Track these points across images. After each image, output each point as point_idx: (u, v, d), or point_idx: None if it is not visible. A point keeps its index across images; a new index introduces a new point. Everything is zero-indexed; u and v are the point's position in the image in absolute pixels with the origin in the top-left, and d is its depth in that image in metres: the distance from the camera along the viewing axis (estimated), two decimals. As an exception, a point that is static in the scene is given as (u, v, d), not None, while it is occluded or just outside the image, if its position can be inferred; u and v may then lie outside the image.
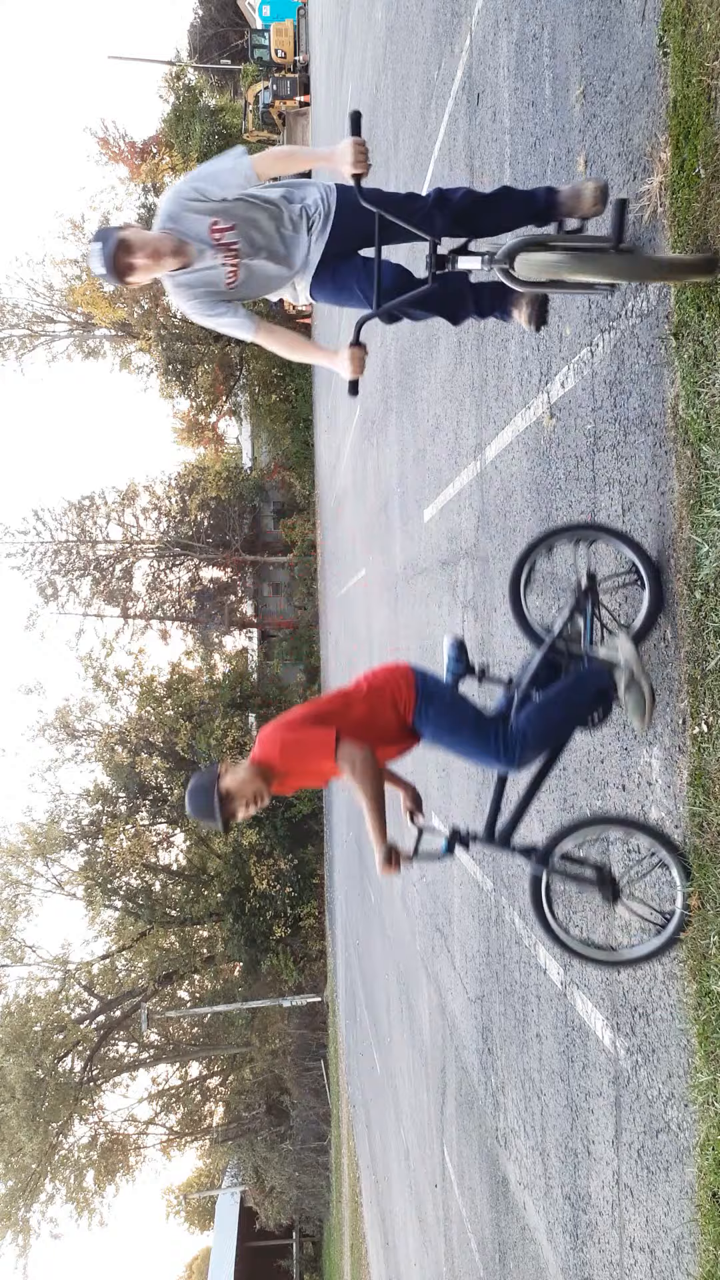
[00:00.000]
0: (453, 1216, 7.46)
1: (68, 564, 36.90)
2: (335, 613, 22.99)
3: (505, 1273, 5.53)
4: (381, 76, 10.38)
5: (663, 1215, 3.12)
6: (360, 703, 3.24)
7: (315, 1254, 37.61)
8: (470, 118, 5.66)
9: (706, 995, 2.75)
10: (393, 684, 3.25)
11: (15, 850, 30.70)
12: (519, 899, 5.06)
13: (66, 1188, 29.56)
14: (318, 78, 27.68)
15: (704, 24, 2.60)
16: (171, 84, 36.99)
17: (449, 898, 7.19)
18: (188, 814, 3.28)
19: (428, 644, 7.93)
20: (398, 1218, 12.19)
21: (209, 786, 3.11)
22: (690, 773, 2.83)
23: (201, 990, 33.18)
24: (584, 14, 3.60)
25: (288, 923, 29.73)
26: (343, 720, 3.18)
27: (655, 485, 3.05)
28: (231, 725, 29.34)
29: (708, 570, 2.68)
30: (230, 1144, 34.05)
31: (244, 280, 3.32)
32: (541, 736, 3.17)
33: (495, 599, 5.39)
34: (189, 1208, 38.44)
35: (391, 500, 10.42)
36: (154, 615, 37.40)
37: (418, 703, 3.22)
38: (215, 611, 37.13)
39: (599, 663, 3.08)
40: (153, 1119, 32.97)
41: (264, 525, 37.88)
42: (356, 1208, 19.95)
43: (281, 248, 3.34)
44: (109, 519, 37.38)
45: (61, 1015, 29.95)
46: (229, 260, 3.27)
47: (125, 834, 30.47)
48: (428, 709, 3.22)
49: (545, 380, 4.23)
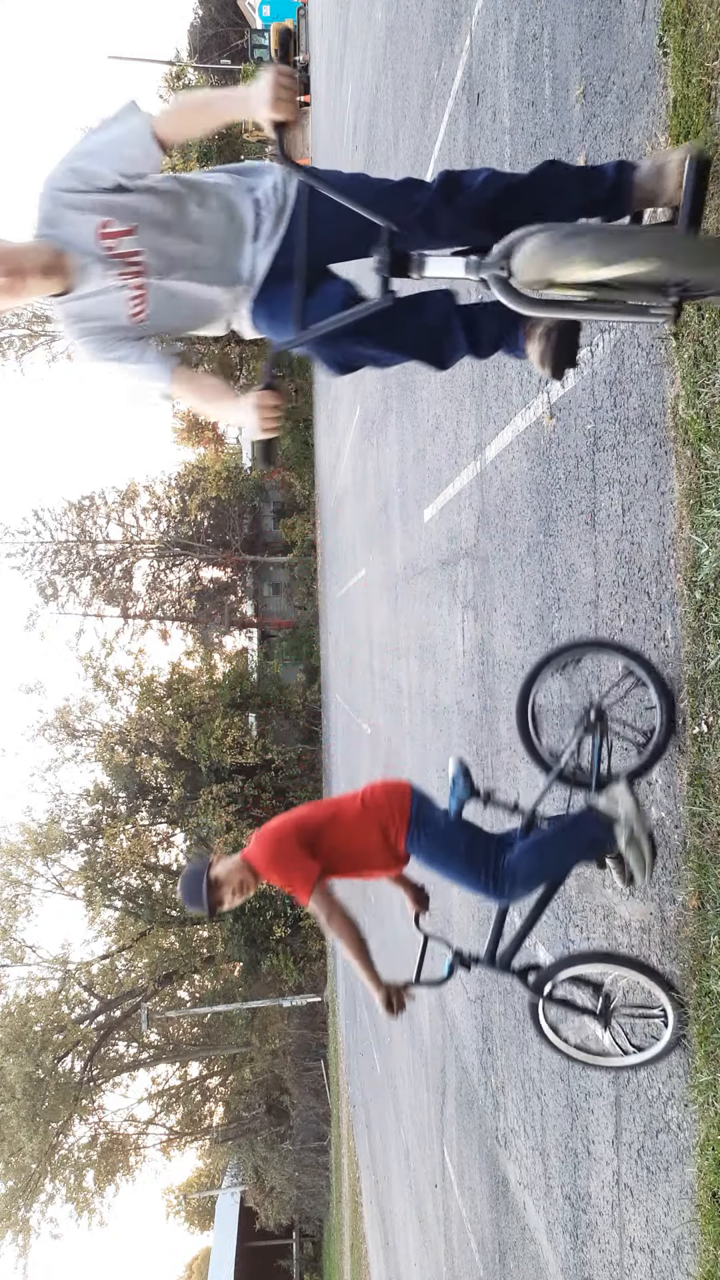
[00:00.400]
0: (453, 1216, 7.45)
1: (68, 564, 36.92)
2: (335, 613, 23.00)
3: (505, 1273, 5.53)
4: (381, 76, 10.38)
5: (663, 1215, 3.12)
6: (351, 821, 3.31)
7: (315, 1254, 37.61)
8: (470, 118, 5.66)
9: (706, 995, 2.75)
10: (387, 809, 3.31)
11: (15, 850, 30.71)
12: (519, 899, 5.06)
13: (66, 1188, 29.57)
14: (318, 78, 27.68)
15: (704, 24, 2.60)
16: (171, 84, 37.00)
17: (449, 898, 7.19)
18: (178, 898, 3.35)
19: (427, 644, 7.93)
20: (398, 1218, 12.19)
21: (199, 873, 3.23)
22: (690, 773, 2.83)
23: (201, 990, 33.18)
24: (584, 14, 3.60)
25: (288, 923, 29.71)
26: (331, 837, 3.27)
27: (655, 485, 3.05)
28: (231, 725, 29.32)
29: (708, 570, 2.68)
30: (230, 1144, 34.06)
31: (156, 310, 2.35)
32: (534, 876, 3.22)
33: (495, 599, 5.39)
34: (189, 1208, 38.46)
35: (391, 500, 10.42)
36: (154, 615, 37.42)
37: (410, 830, 3.29)
38: (215, 611, 37.14)
39: (598, 814, 3.07)
40: (153, 1119, 32.99)
41: (264, 525, 37.89)
42: (356, 1208, 19.95)
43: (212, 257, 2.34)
44: (109, 519, 37.40)
45: (61, 1015, 29.95)
46: (129, 280, 2.28)
47: (125, 834, 30.46)
48: (420, 837, 3.29)
49: (545, 380, 4.23)
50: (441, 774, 7.34)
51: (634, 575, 3.25)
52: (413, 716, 9.18)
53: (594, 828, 3.04)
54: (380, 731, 12.55)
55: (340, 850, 3.28)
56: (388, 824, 3.29)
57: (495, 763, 5.44)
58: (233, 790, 29.12)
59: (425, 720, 8.28)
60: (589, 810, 3.07)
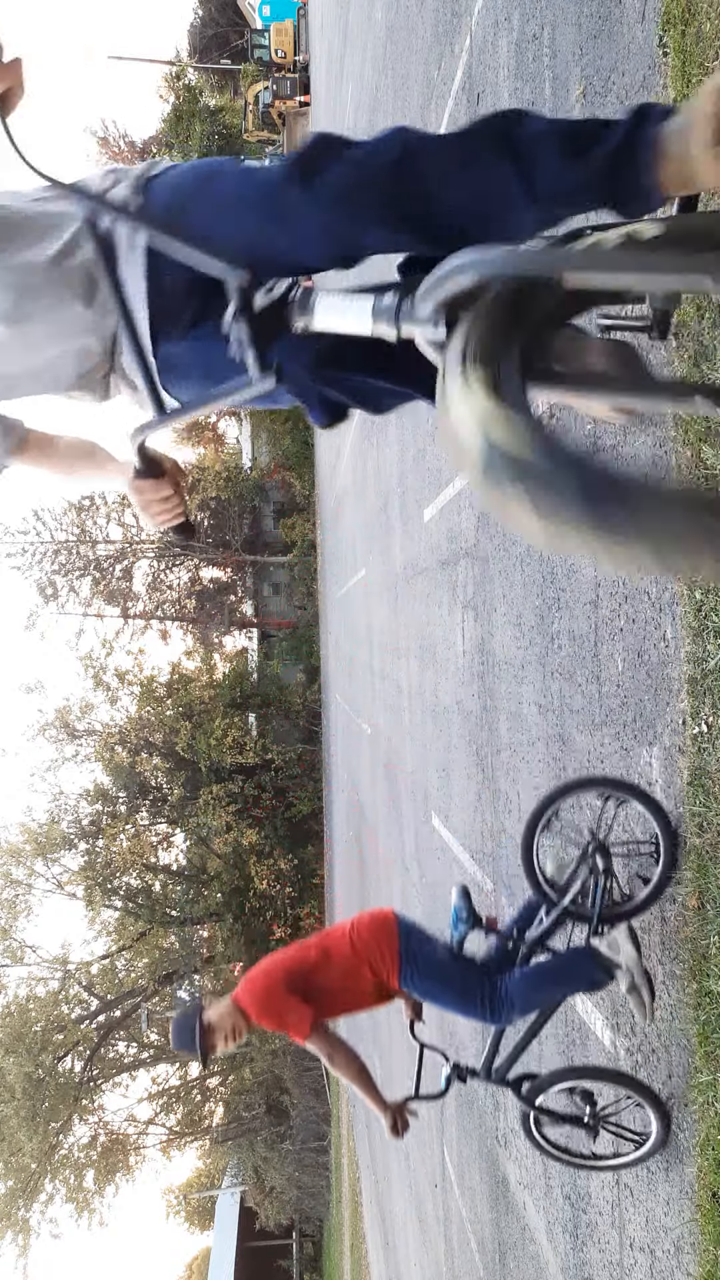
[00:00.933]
0: (453, 1216, 7.45)
1: (68, 564, 36.92)
2: (335, 612, 23.00)
3: (505, 1273, 5.53)
4: (381, 76, 10.38)
5: (663, 1215, 3.12)
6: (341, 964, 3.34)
7: (315, 1254, 37.59)
8: (470, 118, 5.66)
9: (706, 995, 2.75)
10: (376, 949, 3.35)
11: (15, 850, 30.70)
12: (519, 899, 5.06)
13: (66, 1188, 29.55)
14: (318, 78, 27.69)
15: (704, 24, 2.60)
16: (171, 84, 37.01)
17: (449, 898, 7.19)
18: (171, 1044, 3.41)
19: (427, 644, 7.93)
20: (398, 1218, 12.18)
21: (192, 1018, 3.25)
22: (690, 773, 2.83)
23: (202, 990, 33.17)
24: (584, 14, 3.60)
25: (288, 923, 29.71)
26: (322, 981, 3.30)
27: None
28: (231, 725, 29.33)
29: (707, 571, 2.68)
30: (230, 1144, 34.04)
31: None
32: (529, 1006, 3.29)
33: (495, 599, 5.39)
34: (189, 1208, 38.44)
35: (391, 500, 10.42)
36: (154, 615, 37.42)
37: (401, 966, 3.33)
38: (215, 611, 37.14)
39: (599, 957, 3.13)
40: (153, 1119, 32.97)
41: (264, 525, 37.89)
42: (356, 1208, 19.95)
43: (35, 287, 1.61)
44: (109, 519, 37.39)
45: (61, 1015, 29.94)
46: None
47: (125, 834, 30.46)
48: (412, 974, 3.34)
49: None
50: (442, 774, 7.35)
51: (634, 575, 3.25)
52: (413, 716, 9.18)
53: (592, 969, 3.13)
54: (380, 731, 12.55)
55: (332, 993, 3.33)
56: (378, 964, 3.34)
57: (495, 763, 5.44)
58: (233, 790, 29.13)
59: (425, 720, 8.28)
60: (590, 951, 3.15)
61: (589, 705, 3.72)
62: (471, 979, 3.30)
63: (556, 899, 3.29)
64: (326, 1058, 3.28)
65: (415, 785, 9.01)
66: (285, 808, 29.85)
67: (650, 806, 2.99)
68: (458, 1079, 3.38)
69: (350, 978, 3.32)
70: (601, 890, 3.18)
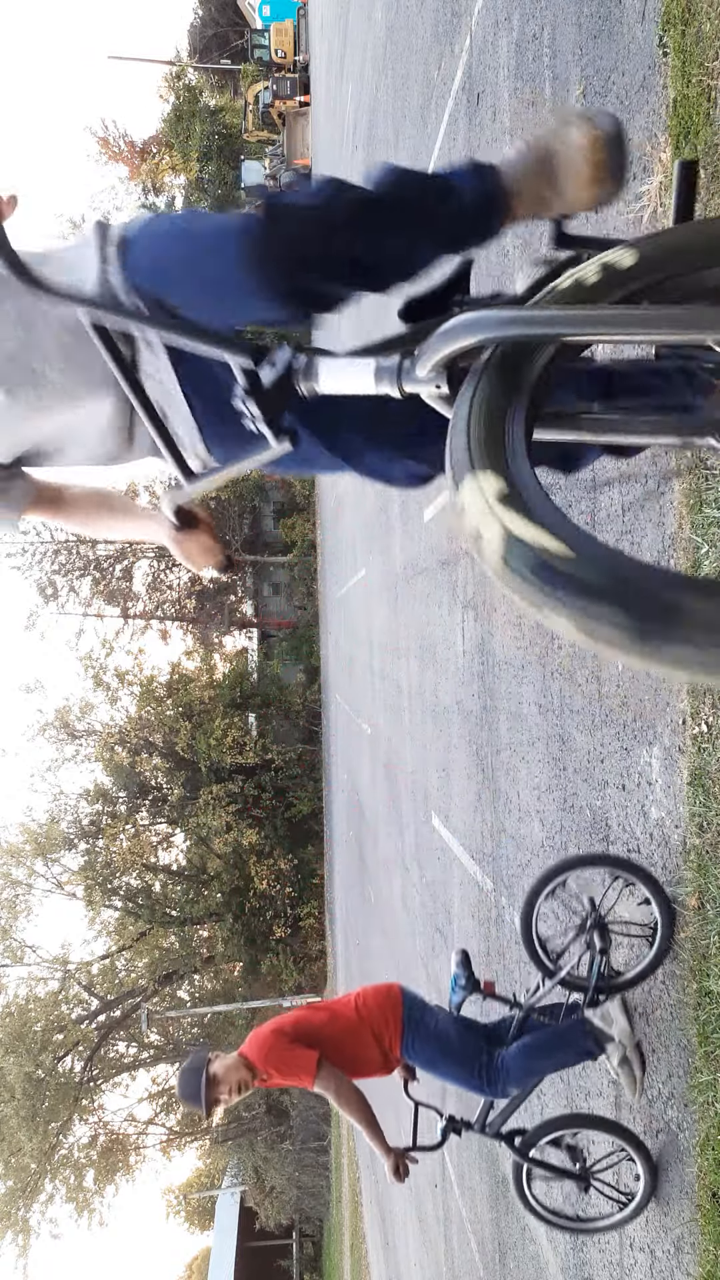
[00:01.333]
0: (453, 1216, 7.45)
1: (67, 564, 36.91)
2: (335, 613, 22.99)
3: (505, 1273, 5.53)
4: (381, 77, 10.38)
5: (663, 1215, 3.13)
6: (346, 1028, 3.45)
7: (315, 1254, 37.60)
8: (470, 118, 5.66)
9: (706, 995, 2.75)
10: (381, 1018, 3.47)
11: (15, 850, 30.71)
12: (519, 899, 5.06)
13: (66, 1188, 29.56)
14: (318, 78, 27.70)
15: (704, 24, 2.60)
16: (171, 84, 37.02)
17: (449, 898, 7.19)
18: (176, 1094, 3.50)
19: (427, 644, 7.93)
20: (398, 1218, 12.18)
21: (199, 1069, 3.32)
22: (690, 773, 2.83)
23: (201, 990, 33.18)
24: (584, 14, 3.60)
25: (288, 923, 29.71)
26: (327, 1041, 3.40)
27: (655, 484, 3.05)
28: (231, 725, 29.33)
29: (708, 570, 2.68)
30: (230, 1144, 34.04)
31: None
32: (524, 1076, 3.40)
33: (495, 599, 5.39)
34: (189, 1208, 38.44)
35: (391, 500, 10.42)
36: (154, 615, 37.42)
37: (404, 1035, 3.46)
38: (215, 611, 37.14)
39: (593, 1030, 3.21)
40: (153, 1119, 32.98)
41: (264, 525, 37.89)
42: (356, 1208, 19.95)
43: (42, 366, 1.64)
44: (109, 519, 37.37)
45: (61, 1015, 29.94)
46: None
47: (125, 834, 30.47)
48: (413, 1041, 3.46)
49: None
50: (442, 774, 7.35)
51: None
52: (413, 716, 9.18)
53: (585, 1041, 3.22)
54: (380, 731, 12.55)
55: (338, 1053, 3.41)
56: (382, 1032, 3.46)
57: (495, 763, 5.44)
58: (233, 790, 29.12)
59: (425, 720, 8.28)
60: (583, 1024, 3.23)
61: (589, 705, 3.72)
62: (470, 1050, 3.44)
63: (554, 969, 3.33)
64: (334, 1097, 3.36)
65: (415, 785, 9.01)
66: (285, 808, 29.85)
67: (651, 886, 3.02)
68: (453, 1132, 3.51)
69: (355, 1042, 3.44)
70: (598, 963, 3.22)
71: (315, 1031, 3.43)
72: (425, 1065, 3.51)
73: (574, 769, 3.93)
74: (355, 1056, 3.44)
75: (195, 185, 36.90)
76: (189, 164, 35.81)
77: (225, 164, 37.28)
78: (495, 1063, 3.40)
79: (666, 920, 2.96)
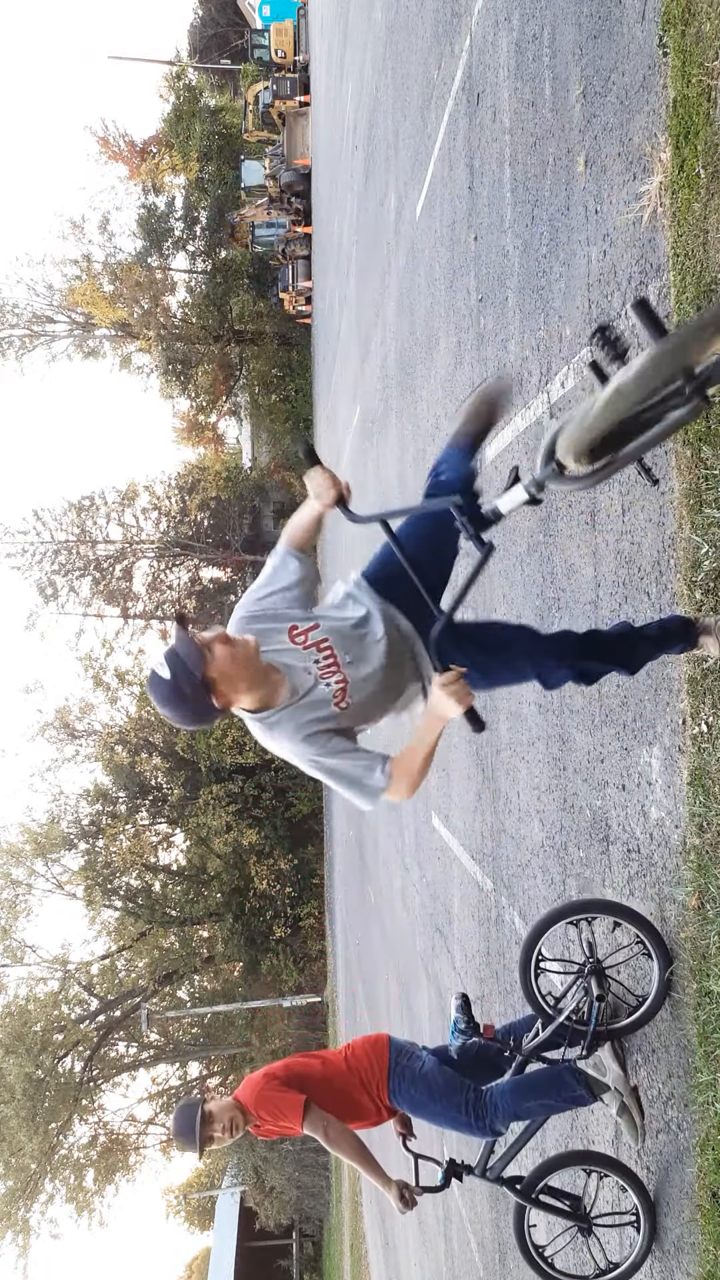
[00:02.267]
0: (453, 1216, 7.45)
1: (68, 564, 36.94)
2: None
3: (505, 1273, 5.53)
4: (381, 77, 10.38)
5: (662, 1215, 3.13)
6: (336, 1077, 3.53)
7: (315, 1254, 37.60)
8: (470, 118, 5.66)
9: (706, 995, 2.74)
10: (369, 1067, 3.56)
11: (15, 850, 30.72)
12: (519, 899, 5.06)
13: (66, 1188, 29.57)
14: (318, 78, 27.71)
15: (704, 24, 2.60)
16: (171, 84, 36.99)
17: (449, 898, 7.19)
18: (171, 1133, 3.61)
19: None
20: (398, 1218, 12.18)
21: (193, 1109, 3.44)
22: (690, 773, 2.83)
23: (201, 990, 33.19)
24: (584, 14, 3.60)
25: (288, 923, 29.74)
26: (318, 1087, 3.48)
27: (655, 485, 3.05)
28: (231, 725, 29.33)
29: (707, 570, 2.68)
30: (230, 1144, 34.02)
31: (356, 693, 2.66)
32: (513, 1116, 3.43)
33: (495, 599, 5.39)
34: (189, 1208, 38.46)
35: (391, 500, 10.42)
36: (154, 615, 37.43)
37: (390, 1081, 3.53)
38: (215, 612, 37.14)
39: (586, 1078, 3.24)
40: (153, 1119, 32.97)
41: (264, 525, 37.91)
42: (356, 1208, 19.95)
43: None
44: (109, 519, 37.41)
45: (61, 1015, 29.96)
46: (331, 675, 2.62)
47: (125, 834, 30.48)
48: (400, 1086, 3.53)
49: (545, 380, 4.23)
50: (442, 774, 7.34)
51: (634, 575, 3.25)
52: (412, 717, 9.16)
53: (578, 1088, 3.27)
54: (380, 731, 12.53)
55: (327, 1102, 3.48)
56: (369, 1080, 3.54)
57: (495, 763, 5.44)
58: (233, 790, 29.14)
59: (425, 720, 8.26)
60: (576, 1072, 3.26)
61: (589, 705, 3.72)
62: (455, 1087, 3.49)
63: (552, 1014, 3.33)
64: (324, 1139, 3.42)
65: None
66: (285, 808, 29.86)
67: (647, 931, 3.03)
68: (454, 1177, 3.56)
69: (343, 1094, 3.52)
70: (593, 1010, 3.22)
71: (307, 1077, 3.53)
72: (414, 1109, 3.58)
73: (574, 769, 3.93)
74: (347, 1102, 3.53)
75: (195, 185, 36.90)
76: (189, 164, 35.79)
77: (225, 164, 37.27)
78: (483, 1098, 3.45)
79: (662, 962, 2.97)
